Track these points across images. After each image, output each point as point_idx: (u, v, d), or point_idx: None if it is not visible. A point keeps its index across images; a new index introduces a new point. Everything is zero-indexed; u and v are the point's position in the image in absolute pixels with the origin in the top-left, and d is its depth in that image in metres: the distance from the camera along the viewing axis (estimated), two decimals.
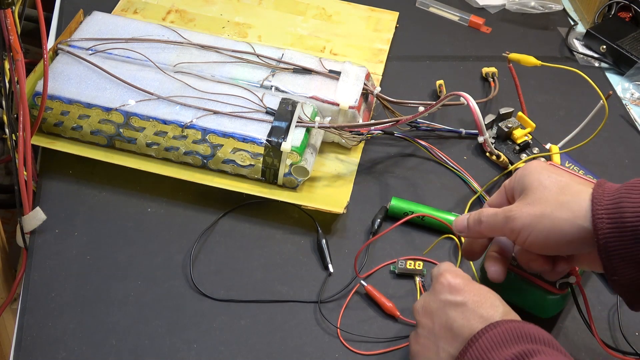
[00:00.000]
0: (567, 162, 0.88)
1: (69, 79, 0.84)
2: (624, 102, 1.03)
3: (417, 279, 0.77)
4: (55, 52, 0.88)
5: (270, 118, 0.82)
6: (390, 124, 0.85)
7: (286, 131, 0.81)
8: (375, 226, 0.82)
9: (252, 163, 0.82)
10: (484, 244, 0.69)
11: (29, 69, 0.81)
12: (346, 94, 0.87)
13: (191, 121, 0.81)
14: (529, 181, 0.62)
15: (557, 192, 0.60)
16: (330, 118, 0.86)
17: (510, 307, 0.61)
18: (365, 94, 0.90)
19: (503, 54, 0.94)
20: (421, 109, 0.85)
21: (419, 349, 0.63)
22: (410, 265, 0.77)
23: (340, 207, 0.80)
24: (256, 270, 0.77)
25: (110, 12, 1.03)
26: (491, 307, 0.59)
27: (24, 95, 0.72)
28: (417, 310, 0.64)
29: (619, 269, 0.57)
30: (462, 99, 0.81)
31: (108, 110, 0.82)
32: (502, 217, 0.62)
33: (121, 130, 0.83)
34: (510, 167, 0.88)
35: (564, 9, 1.19)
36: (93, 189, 0.83)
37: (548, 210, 0.59)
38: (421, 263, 0.76)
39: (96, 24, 0.92)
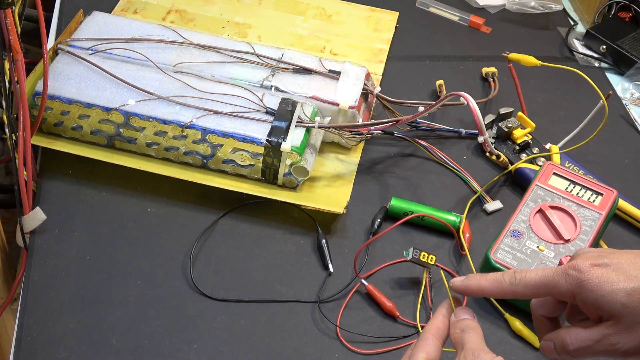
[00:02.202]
0: (567, 162, 0.88)
1: (69, 79, 0.84)
2: (623, 102, 1.03)
3: (425, 272, 0.76)
4: (55, 52, 0.88)
5: (270, 118, 0.82)
6: (390, 124, 0.85)
7: (286, 131, 0.81)
8: (375, 226, 0.82)
9: (252, 163, 0.82)
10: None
11: (29, 69, 0.81)
12: (346, 94, 0.87)
13: (191, 121, 0.81)
14: (610, 308, 0.55)
15: None
16: (330, 118, 0.86)
17: None
18: (365, 94, 0.90)
19: (503, 54, 0.94)
20: (421, 109, 0.85)
21: None
22: (423, 258, 0.75)
23: (340, 207, 0.80)
24: (256, 270, 0.77)
25: (110, 12, 1.03)
26: None
27: (24, 95, 0.72)
28: None
29: None
30: (462, 99, 0.81)
31: (108, 110, 0.82)
32: (605, 350, 0.56)
33: (121, 130, 0.83)
34: (510, 167, 0.88)
35: (564, 9, 1.19)
36: (93, 188, 0.83)
37: None
38: (434, 258, 0.74)
39: (96, 24, 0.92)
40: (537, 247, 0.74)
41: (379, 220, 0.82)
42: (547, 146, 0.90)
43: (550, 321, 0.61)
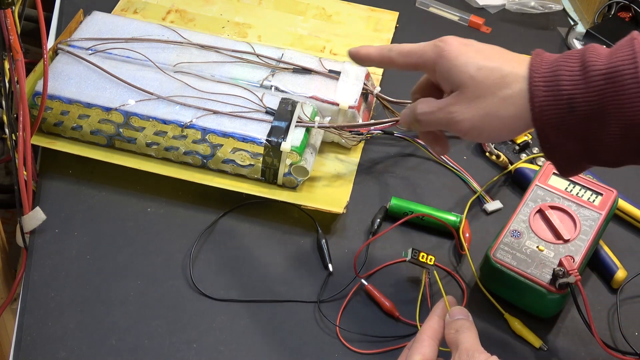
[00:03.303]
0: None
1: (69, 79, 0.84)
2: None
3: (425, 273, 0.76)
4: (55, 52, 0.88)
5: (270, 118, 0.82)
6: (390, 123, 0.85)
7: (286, 131, 0.81)
8: (375, 226, 0.82)
9: (252, 163, 0.82)
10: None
11: (29, 69, 0.81)
12: (346, 93, 0.87)
13: (191, 121, 0.81)
14: (459, 78, 0.59)
15: (494, 86, 0.58)
16: (330, 118, 0.86)
17: None
18: (365, 94, 0.90)
19: None
20: None
21: None
22: (422, 258, 0.75)
23: (340, 207, 0.80)
24: (256, 270, 0.77)
25: (110, 12, 1.03)
26: None
27: (24, 95, 0.72)
28: None
29: (551, 138, 0.56)
30: None
31: (108, 110, 0.82)
32: (444, 118, 0.61)
33: (121, 130, 0.83)
34: (510, 167, 0.88)
35: (564, 9, 1.19)
36: (93, 188, 0.83)
37: (492, 109, 0.58)
38: (433, 258, 0.74)
39: (96, 24, 0.92)
40: (537, 247, 0.74)
41: (379, 220, 0.82)
42: None
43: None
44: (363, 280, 0.76)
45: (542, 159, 0.88)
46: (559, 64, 0.56)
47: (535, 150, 0.90)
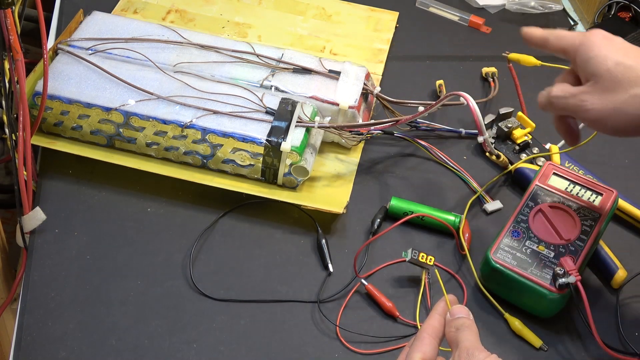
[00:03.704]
0: (567, 162, 0.88)
1: (69, 79, 0.84)
2: None
3: (424, 273, 0.76)
4: (55, 52, 0.88)
5: (270, 118, 0.82)
6: (390, 124, 0.85)
7: (286, 131, 0.81)
8: (375, 226, 0.82)
9: (252, 163, 0.82)
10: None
11: (29, 69, 0.81)
12: (346, 93, 0.87)
13: (191, 121, 0.81)
14: (596, 69, 0.63)
15: (628, 83, 0.61)
16: (330, 118, 0.86)
17: None
18: (365, 94, 0.90)
19: (503, 54, 0.94)
20: (421, 109, 0.85)
21: None
22: (422, 258, 0.75)
23: (340, 207, 0.80)
24: (256, 270, 0.77)
25: (110, 12, 1.03)
26: None
27: (24, 95, 0.72)
28: None
29: None
30: (461, 99, 0.81)
31: (108, 110, 0.82)
32: (575, 104, 0.64)
33: (121, 130, 0.83)
34: (510, 167, 0.88)
35: (564, 9, 1.19)
36: (93, 188, 0.83)
37: (621, 104, 0.61)
38: (432, 258, 0.75)
39: (96, 24, 0.92)
40: (537, 247, 0.74)
41: (378, 220, 0.82)
42: (547, 146, 0.90)
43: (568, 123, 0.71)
44: (363, 280, 0.76)
45: (542, 159, 0.88)
46: None
47: (535, 150, 0.90)
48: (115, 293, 0.74)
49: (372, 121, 0.87)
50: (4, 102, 0.73)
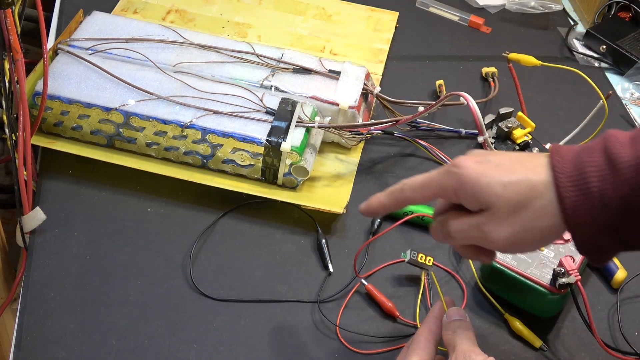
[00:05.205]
0: None
1: (69, 79, 0.84)
2: (623, 102, 1.03)
3: (424, 274, 0.76)
4: (55, 52, 0.88)
5: (270, 118, 0.82)
6: (390, 124, 0.85)
7: (286, 131, 0.81)
8: (375, 226, 0.82)
9: (252, 163, 0.82)
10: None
11: (29, 69, 0.81)
12: (346, 93, 0.87)
13: (191, 121, 0.81)
14: (486, 200, 0.56)
15: (526, 200, 0.55)
16: (330, 118, 0.86)
17: None
18: (365, 94, 0.90)
19: (503, 54, 0.94)
20: (421, 108, 0.85)
21: None
22: (421, 259, 0.75)
23: (340, 207, 0.80)
24: (256, 270, 0.77)
25: (110, 12, 1.03)
26: None
27: (24, 95, 0.72)
28: None
29: (588, 236, 0.54)
30: (461, 98, 0.81)
31: (108, 110, 0.82)
32: (478, 236, 0.58)
33: (121, 130, 0.83)
34: None
35: (564, 9, 1.19)
36: (93, 188, 0.83)
37: (529, 223, 0.55)
38: (431, 259, 0.74)
39: (96, 24, 0.92)
40: None
41: (378, 220, 0.82)
42: (547, 146, 0.90)
43: None
44: (363, 280, 0.76)
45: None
46: (582, 160, 0.54)
47: (535, 150, 0.90)
48: (115, 293, 0.74)
49: (372, 121, 0.87)
50: (4, 102, 0.73)
